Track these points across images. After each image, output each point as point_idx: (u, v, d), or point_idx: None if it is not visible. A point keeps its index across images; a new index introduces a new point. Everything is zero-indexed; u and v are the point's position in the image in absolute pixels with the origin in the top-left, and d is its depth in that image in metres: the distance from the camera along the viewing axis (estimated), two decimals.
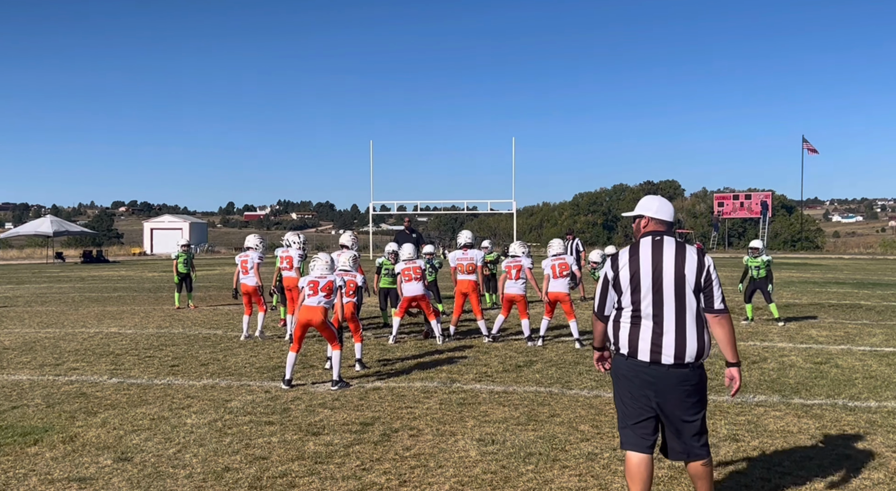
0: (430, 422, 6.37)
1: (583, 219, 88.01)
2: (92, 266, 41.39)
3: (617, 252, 4.13)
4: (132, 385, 8.03)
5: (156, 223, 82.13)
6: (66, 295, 20.06)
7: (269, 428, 6.27)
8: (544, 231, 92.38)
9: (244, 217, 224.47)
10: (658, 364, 3.78)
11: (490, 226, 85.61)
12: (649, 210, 4.07)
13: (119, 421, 6.49)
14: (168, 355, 9.87)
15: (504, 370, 8.66)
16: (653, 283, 3.83)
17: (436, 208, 55.67)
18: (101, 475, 5.09)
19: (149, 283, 24.89)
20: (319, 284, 8.08)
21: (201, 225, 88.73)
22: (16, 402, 7.26)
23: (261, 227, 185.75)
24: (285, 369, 7.99)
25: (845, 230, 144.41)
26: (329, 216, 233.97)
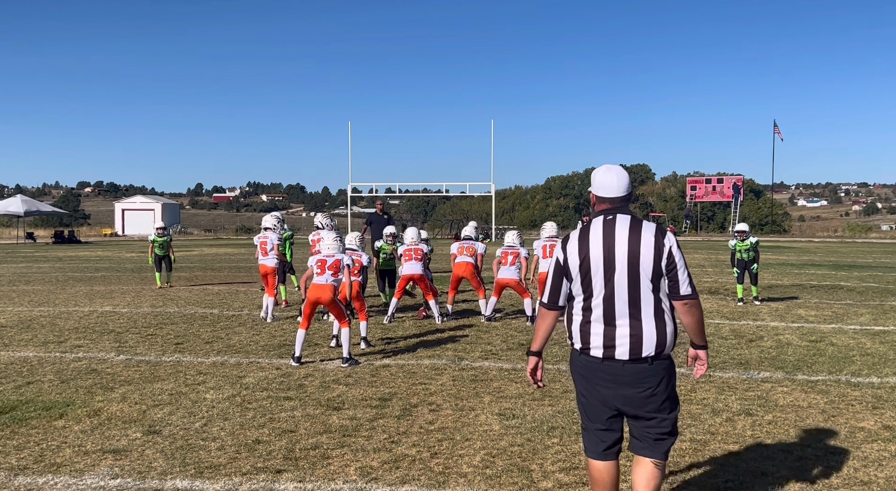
0: (447, 397, 6.49)
1: (555, 202, 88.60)
2: (65, 246, 40.78)
3: (567, 235, 3.63)
4: (141, 362, 8.04)
5: (127, 204, 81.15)
6: (48, 275, 19.82)
7: (288, 403, 6.35)
8: (517, 214, 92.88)
9: (213, 198, 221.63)
10: (612, 360, 3.36)
11: (463, 209, 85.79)
12: (593, 185, 3.59)
13: (138, 396, 6.53)
14: (170, 334, 9.87)
15: (508, 348, 8.81)
16: (604, 269, 3.37)
17: (407, 191, 55.68)
18: (134, 447, 5.15)
19: (129, 263, 24.66)
20: (327, 262, 8.15)
21: (173, 206, 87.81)
22: (28, 377, 7.26)
23: (230, 209, 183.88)
24: (294, 347, 8.06)
25: (810, 214, 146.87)
26: (300, 198, 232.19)
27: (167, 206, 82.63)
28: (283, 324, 10.71)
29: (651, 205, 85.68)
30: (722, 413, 5.88)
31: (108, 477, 4.60)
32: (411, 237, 11.07)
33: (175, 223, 80.00)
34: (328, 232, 8.53)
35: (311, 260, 8.24)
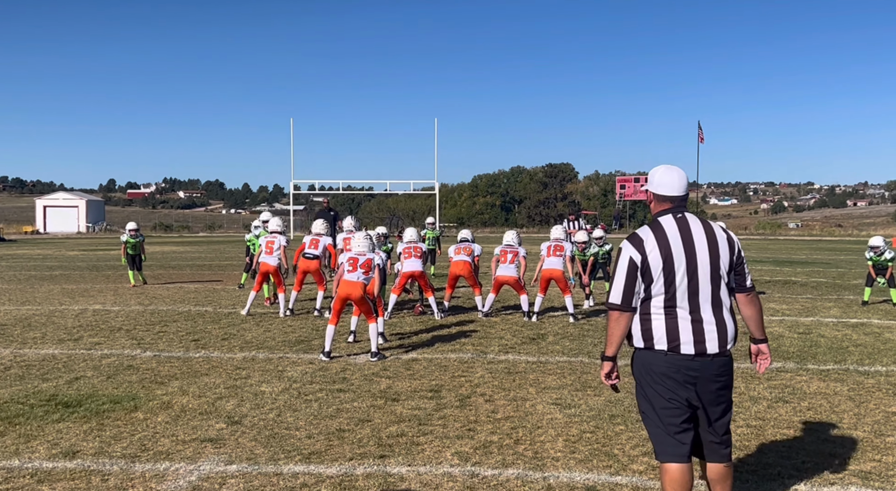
0: (495, 389, 6.85)
1: (481, 200, 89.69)
2: None
3: (635, 233, 3.62)
4: (171, 358, 8.09)
5: (49, 201, 77.97)
6: (1, 274, 19.16)
7: (344, 395, 6.58)
8: (444, 211, 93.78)
9: (127, 195, 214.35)
10: (703, 355, 3.47)
11: (389, 206, 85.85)
12: (651, 183, 3.67)
13: (197, 389, 6.65)
14: (180, 331, 9.88)
15: (522, 343, 9.22)
16: (687, 266, 3.47)
17: (331, 188, 55.43)
18: (225, 436, 5.33)
19: (81, 262, 23.98)
20: (359, 260, 8.40)
21: (98, 203, 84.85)
22: (69, 373, 7.24)
23: (146, 206, 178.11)
24: (324, 341, 8.27)
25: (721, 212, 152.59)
26: (219, 195, 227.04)
27: (91, 203, 79.78)
28: (288, 321, 10.83)
29: (578, 203, 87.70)
30: (760, 401, 6.43)
31: (222, 463, 4.78)
32: (411, 235, 11.40)
33: (100, 220, 77.40)
34: (358, 232, 8.79)
35: (343, 257, 8.50)
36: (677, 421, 3.53)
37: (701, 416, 3.58)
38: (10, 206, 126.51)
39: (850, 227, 77.88)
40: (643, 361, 3.59)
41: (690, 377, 3.49)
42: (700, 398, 3.52)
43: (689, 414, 3.55)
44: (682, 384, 3.50)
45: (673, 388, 3.51)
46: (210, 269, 20.81)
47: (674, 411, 3.52)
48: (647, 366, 3.57)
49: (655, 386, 3.54)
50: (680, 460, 3.53)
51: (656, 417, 3.57)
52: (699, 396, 3.52)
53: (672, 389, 3.51)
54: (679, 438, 3.54)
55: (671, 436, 3.54)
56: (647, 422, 3.64)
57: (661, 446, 3.58)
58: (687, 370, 3.48)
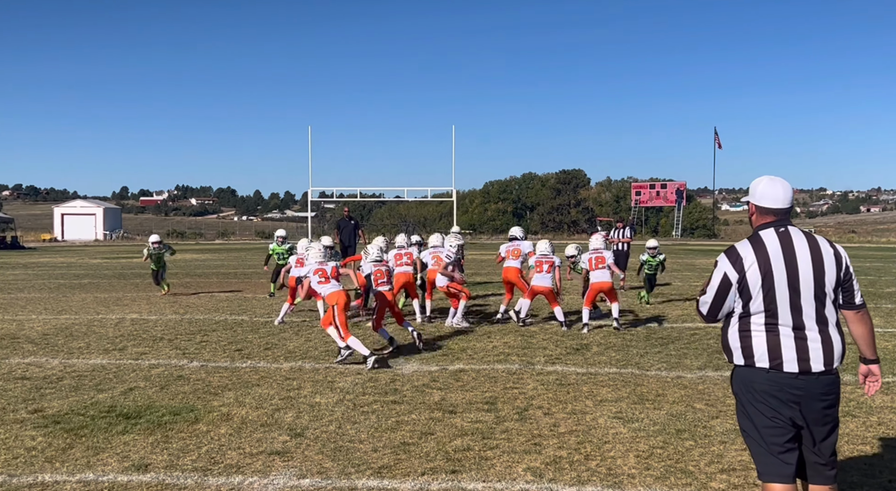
0: (551, 402, 6.77)
1: (493, 207, 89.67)
2: (12, 253, 39.36)
3: (733, 248, 3.53)
4: (219, 368, 8.07)
5: (67, 208, 78.62)
6: (31, 282, 19.28)
7: (399, 407, 6.53)
8: (456, 218, 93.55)
9: (140, 202, 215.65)
10: (808, 373, 3.37)
11: (400, 213, 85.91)
12: (753, 195, 3.57)
13: (253, 400, 6.62)
14: (222, 340, 9.87)
15: (567, 353, 9.14)
16: (789, 284, 3.38)
17: (342, 195, 55.66)
18: (291, 449, 5.28)
19: (107, 269, 24.10)
20: (327, 271, 8.85)
21: (115, 211, 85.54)
22: (122, 384, 7.23)
23: (159, 213, 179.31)
24: (361, 350, 8.20)
25: (734, 218, 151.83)
26: (231, 202, 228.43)
27: (108, 210, 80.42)
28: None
29: (591, 210, 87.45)
30: None
31: (294, 477, 4.74)
32: (436, 241, 11.78)
33: (117, 228, 77.92)
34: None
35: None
36: (781, 440, 3.43)
37: (805, 436, 3.47)
38: (25, 213, 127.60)
39: (864, 233, 77.39)
40: (743, 378, 3.49)
41: (794, 396, 3.39)
42: (804, 418, 3.42)
43: (793, 433, 3.44)
44: (786, 403, 3.40)
45: (776, 406, 3.41)
46: (235, 277, 20.85)
47: (777, 430, 3.42)
48: (747, 384, 3.47)
49: (757, 404, 3.45)
50: (784, 481, 3.44)
51: (758, 436, 3.47)
52: (803, 416, 3.41)
53: (775, 408, 3.41)
54: (783, 457, 3.44)
55: (775, 456, 3.44)
56: (749, 440, 3.54)
57: (763, 466, 3.48)
58: (790, 389, 3.38)
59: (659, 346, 9.61)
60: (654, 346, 9.61)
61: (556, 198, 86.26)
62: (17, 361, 8.33)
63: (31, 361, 8.34)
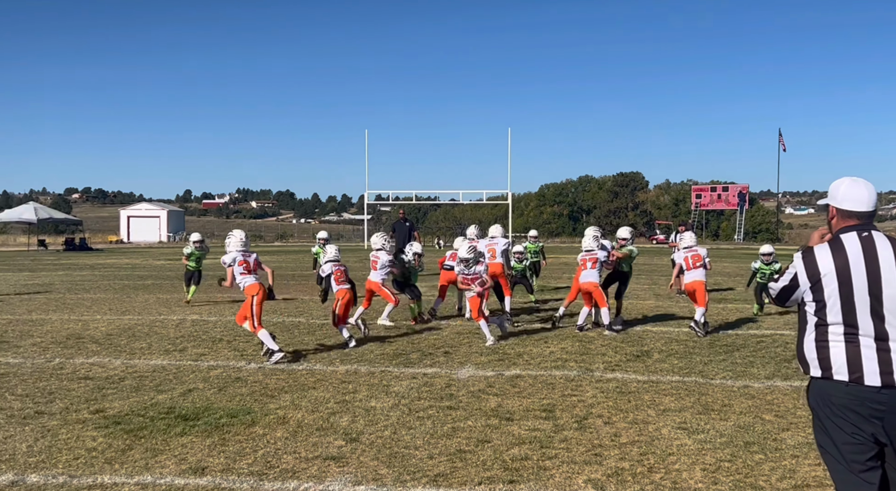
0: (611, 410, 6.57)
1: (549, 210, 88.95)
2: (80, 254, 40.67)
3: (811, 251, 3.35)
4: (276, 370, 8.10)
5: (133, 211, 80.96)
6: (97, 283, 19.83)
7: (455, 413, 6.42)
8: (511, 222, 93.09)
9: (203, 205, 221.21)
10: (891, 387, 3.16)
11: (455, 216, 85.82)
12: (834, 197, 3.37)
13: (309, 403, 6.60)
14: (279, 342, 9.88)
15: (627, 360, 8.90)
16: (871, 292, 3.19)
17: (398, 198, 56.01)
18: (346, 454, 5.22)
19: (169, 271, 24.66)
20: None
21: (178, 213, 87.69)
22: (181, 385, 7.30)
23: (220, 216, 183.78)
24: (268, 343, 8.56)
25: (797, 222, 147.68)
26: (289, 205, 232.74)
27: (172, 213, 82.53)
28: (381, 332, 10.76)
29: (650, 213, 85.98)
30: None
31: (349, 483, 4.67)
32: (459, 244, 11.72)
33: (180, 230, 79.91)
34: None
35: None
36: (862, 458, 3.21)
37: (889, 454, 3.23)
38: (93, 215, 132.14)
39: None
40: (820, 391, 3.28)
41: (876, 411, 3.16)
42: (888, 434, 3.18)
43: (876, 451, 3.22)
44: (867, 419, 3.18)
45: (856, 422, 3.19)
46: (293, 279, 21.06)
47: (857, 447, 3.21)
48: (825, 397, 3.26)
49: (835, 419, 3.24)
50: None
51: (837, 453, 3.26)
52: (886, 432, 3.18)
53: (855, 424, 3.20)
54: (865, 477, 3.22)
55: (855, 474, 3.22)
56: (827, 458, 3.32)
57: (843, 485, 3.26)
58: (872, 403, 3.16)
59: (724, 353, 9.29)
60: (719, 353, 9.29)
61: (613, 201, 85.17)
62: (80, 360, 8.51)
63: (95, 361, 8.51)
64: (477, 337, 10.46)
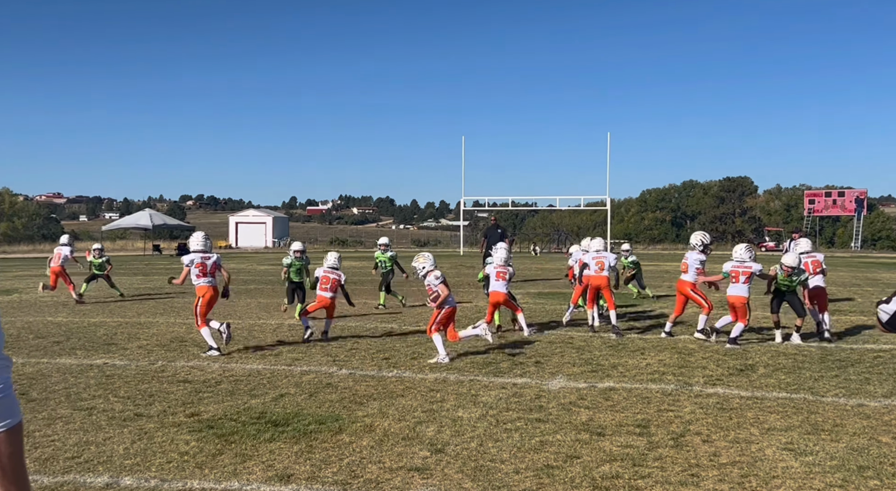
0: (710, 427, 6.23)
1: (650, 216, 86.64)
2: None
3: None
4: (365, 376, 8.13)
5: (240, 217, 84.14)
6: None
7: (544, 425, 6.23)
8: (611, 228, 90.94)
9: (307, 211, 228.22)
10: None
11: (553, 222, 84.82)
12: None
13: (396, 412, 6.57)
14: (371, 348, 9.99)
15: (730, 374, 8.46)
16: None
17: (495, 204, 55.75)
18: (431, 466, 5.14)
19: (271, 276, 25.47)
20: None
21: (283, 219, 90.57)
22: (273, 390, 7.43)
23: (323, 222, 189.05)
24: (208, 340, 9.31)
25: None
26: (389, 211, 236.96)
27: (277, 219, 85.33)
28: (474, 341, 10.66)
29: (759, 219, 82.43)
30: None
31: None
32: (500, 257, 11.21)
33: (285, 236, 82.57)
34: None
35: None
36: None
37: None
38: (205, 222, 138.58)
39: None
40: None
41: None
42: None
43: None
44: None
45: None
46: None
47: None
48: None
49: None
50: None
51: None
52: None
53: None
54: None
55: None
56: None
57: None
58: None
59: (836, 369, 8.69)
60: (831, 369, 8.70)
61: (719, 206, 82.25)
62: (181, 364, 8.82)
63: (195, 364, 8.80)
64: (570, 347, 10.22)
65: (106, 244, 59.08)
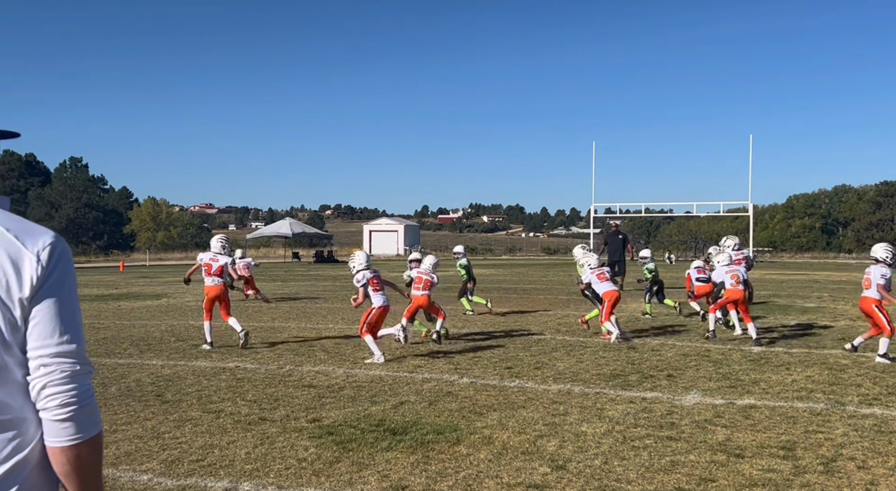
0: (867, 452, 5.57)
1: (798, 222, 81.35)
2: (327, 266, 44.03)
3: None
4: (487, 386, 7.95)
5: (374, 226, 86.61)
6: (336, 293, 21.26)
7: (676, 444, 5.80)
8: (755, 235, 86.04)
9: (438, 220, 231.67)
10: None
11: (690, 229, 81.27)
12: None
13: (516, 424, 6.34)
14: (494, 357, 9.81)
15: (889, 393, 7.62)
16: None
17: (628, 211, 53.81)
18: (551, 483, 4.87)
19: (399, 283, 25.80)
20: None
21: (414, 227, 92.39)
22: (394, 397, 7.38)
23: (454, 230, 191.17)
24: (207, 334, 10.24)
25: None
26: (519, 219, 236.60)
27: (409, 227, 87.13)
28: (602, 351, 10.25)
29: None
30: None
31: None
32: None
33: (416, 243, 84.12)
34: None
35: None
36: None
37: None
38: (342, 230, 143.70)
39: None
40: None
41: None
42: None
43: None
44: None
45: None
46: (515, 293, 21.06)
47: None
48: None
49: None
50: None
51: None
52: None
53: None
54: None
55: None
56: None
57: None
58: None
59: None
60: None
61: (875, 212, 76.16)
62: (308, 368, 8.97)
63: (320, 369, 8.93)
64: (706, 360, 9.61)
65: (250, 251, 62.49)
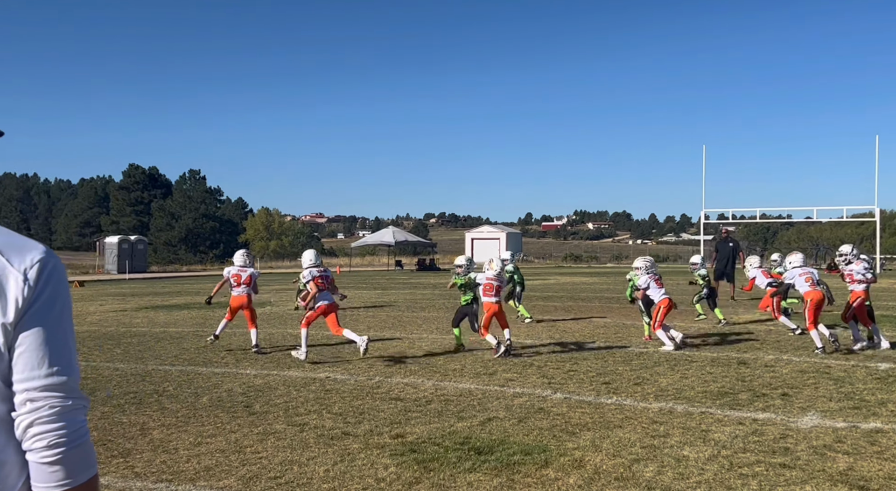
0: None
1: None
2: (428, 273, 44.22)
3: None
4: (582, 402, 7.53)
5: (476, 233, 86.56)
6: (433, 301, 21.15)
7: (790, 473, 5.24)
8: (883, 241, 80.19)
9: (542, 227, 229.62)
10: None
11: (811, 236, 76.83)
12: None
13: (610, 446, 5.92)
14: (590, 371, 9.34)
15: None
16: None
17: (742, 217, 51.22)
18: None
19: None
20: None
21: (516, 235, 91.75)
22: (482, 413, 7.09)
23: (558, 237, 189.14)
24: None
25: None
26: (626, 225, 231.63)
27: (511, 235, 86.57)
28: (709, 367, 9.61)
29: None
30: None
31: None
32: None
33: (518, 251, 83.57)
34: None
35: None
36: None
37: None
38: (446, 238, 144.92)
39: None
40: None
41: None
42: None
43: None
44: None
45: None
46: (617, 302, 20.34)
47: None
48: None
49: None
50: None
51: None
52: None
53: None
54: None
55: None
56: None
57: None
58: None
59: None
60: None
61: None
62: (397, 380, 8.79)
63: (409, 381, 8.73)
64: (826, 377, 8.82)
65: (355, 260, 63.71)
